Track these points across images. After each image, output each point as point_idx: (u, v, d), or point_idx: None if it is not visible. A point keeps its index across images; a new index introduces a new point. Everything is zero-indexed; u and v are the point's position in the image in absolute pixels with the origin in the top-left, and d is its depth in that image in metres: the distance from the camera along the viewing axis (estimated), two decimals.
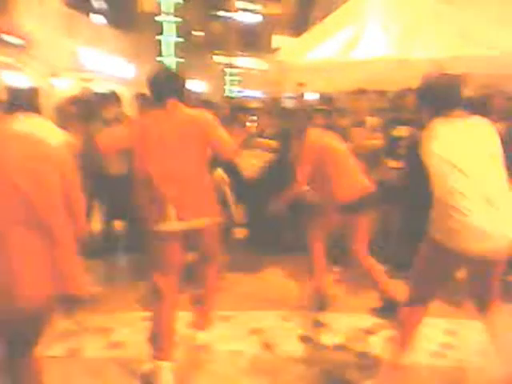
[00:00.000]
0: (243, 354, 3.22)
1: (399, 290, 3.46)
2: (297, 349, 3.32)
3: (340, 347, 3.34)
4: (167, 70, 3.06)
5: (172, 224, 2.79)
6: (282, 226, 5.41)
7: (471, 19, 6.84)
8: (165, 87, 2.85)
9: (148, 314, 3.41)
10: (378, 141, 4.85)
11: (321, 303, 3.79)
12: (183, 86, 2.95)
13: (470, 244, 2.35)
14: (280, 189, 3.92)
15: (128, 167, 4.01)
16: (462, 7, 7.56)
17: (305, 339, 3.45)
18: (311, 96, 6.88)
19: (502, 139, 2.51)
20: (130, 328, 3.54)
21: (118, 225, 5.24)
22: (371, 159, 4.88)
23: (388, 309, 3.59)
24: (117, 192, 4.50)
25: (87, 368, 3.00)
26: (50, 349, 3.03)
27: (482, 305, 2.62)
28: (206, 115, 2.95)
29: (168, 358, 2.82)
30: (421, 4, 6.62)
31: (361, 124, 4.90)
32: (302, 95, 6.56)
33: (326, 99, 5.85)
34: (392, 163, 4.97)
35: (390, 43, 6.20)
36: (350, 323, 3.66)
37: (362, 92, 5.15)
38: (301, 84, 6.36)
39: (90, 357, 3.17)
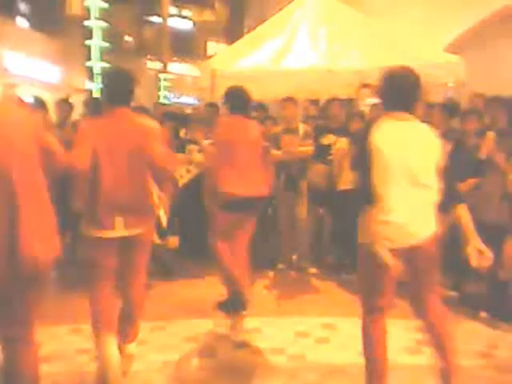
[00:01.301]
0: (177, 364, 3.21)
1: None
2: (232, 355, 3.36)
3: (274, 351, 3.40)
4: (122, 74, 2.98)
5: (113, 231, 2.78)
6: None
7: (395, 31, 7.22)
8: (119, 92, 2.88)
9: (77, 326, 3.37)
10: (309, 148, 5.01)
11: (238, 304, 3.69)
12: (132, 91, 2.94)
13: (393, 243, 2.42)
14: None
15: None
16: (388, 20, 7.97)
17: (239, 345, 3.49)
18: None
19: None
20: (58, 341, 3.45)
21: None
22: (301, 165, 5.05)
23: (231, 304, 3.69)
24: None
25: None
26: None
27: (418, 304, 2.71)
28: (152, 124, 2.95)
29: (109, 331, 2.79)
30: (347, 16, 6.90)
31: (293, 131, 5.03)
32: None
33: (258, 106, 5.95)
34: (321, 168, 5.16)
35: (318, 53, 6.41)
36: (287, 326, 3.73)
37: (291, 100, 5.29)
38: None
39: None
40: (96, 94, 14.39)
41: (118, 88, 2.89)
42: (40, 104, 5.01)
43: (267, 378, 3.09)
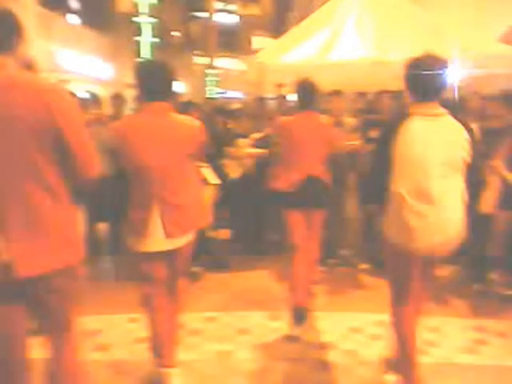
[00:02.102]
0: (231, 354, 3.28)
1: None
2: (285, 348, 3.39)
3: (327, 346, 3.42)
4: (160, 69, 2.79)
5: (156, 245, 2.71)
6: (265, 226, 5.52)
7: (445, 21, 7.03)
8: (156, 87, 2.72)
9: (135, 315, 3.47)
10: (355, 142, 4.96)
11: (300, 315, 3.67)
12: (171, 86, 2.80)
13: (418, 243, 2.47)
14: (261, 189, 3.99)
15: (114, 169, 4.04)
16: (437, 9, 7.77)
17: (292, 338, 3.52)
18: (291, 97, 6.97)
19: (474, 139, 2.59)
20: (116, 330, 3.59)
21: (102, 227, 5.27)
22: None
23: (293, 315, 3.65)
24: (101, 194, 4.53)
25: None
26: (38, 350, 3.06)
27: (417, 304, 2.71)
28: (195, 123, 2.85)
29: (171, 365, 2.81)
30: (395, 6, 6.77)
31: (339, 125, 5.01)
32: (282, 96, 6.65)
33: None
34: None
35: (366, 45, 6.32)
36: (337, 322, 3.74)
37: (338, 93, 5.25)
38: (280, 85, 6.45)
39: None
40: None
41: (154, 82, 2.71)
42: (94, 99, 5.18)
43: (320, 372, 3.11)
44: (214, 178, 3.91)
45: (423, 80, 2.54)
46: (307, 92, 3.79)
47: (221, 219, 4.99)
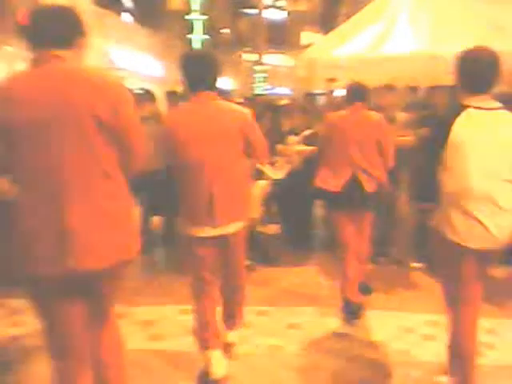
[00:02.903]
0: (282, 349, 3.29)
1: None
2: (335, 345, 3.38)
3: (378, 345, 3.38)
4: (204, 60, 2.82)
5: (209, 230, 2.77)
6: (313, 222, 5.51)
7: (502, 12, 6.75)
8: (202, 78, 2.75)
9: (186, 307, 3.54)
10: (408, 137, 4.86)
11: (352, 311, 3.69)
12: (215, 76, 2.80)
13: (474, 242, 2.40)
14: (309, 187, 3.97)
15: (165, 162, 4.12)
16: (498, 3, 7.46)
17: (343, 335, 3.50)
18: (341, 92, 6.91)
19: None
20: (168, 321, 3.67)
21: (156, 220, 5.39)
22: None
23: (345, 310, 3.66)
24: (154, 188, 4.63)
25: (130, 359, 3.09)
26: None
27: None
28: (244, 110, 2.89)
29: (214, 347, 2.87)
30: None
31: (391, 120, 4.91)
32: (332, 91, 6.60)
33: None
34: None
35: (420, 38, 6.17)
36: (389, 321, 3.70)
37: (390, 88, 5.15)
38: (331, 80, 6.39)
39: (132, 348, 3.28)
40: None
41: (199, 71, 2.74)
42: (149, 95, 5.30)
43: (370, 370, 3.08)
44: (274, 173, 3.93)
45: (474, 72, 2.47)
46: (357, 88, 3.76)
47: (270, 214, 5.01)
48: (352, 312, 3.65)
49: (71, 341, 2.02)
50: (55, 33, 1.89)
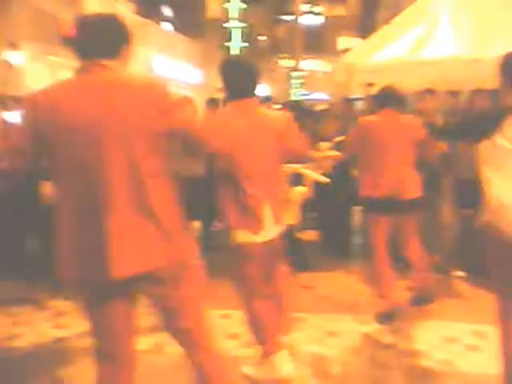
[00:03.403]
0: (321, 356, 3.26)
1: None
2: (375, 353, 3.33)
3: (420, 354, 3.31)
4: (245, 67, 2.85)
5: (258, 236, 2.77)
6: (353, 230, 5.45)
7: None
8: (243, 84, 2.78)
9: (227, 312, 3.55)
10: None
11: (390, 318, 3.66)
12: (256, 82, 2.83)
13: None
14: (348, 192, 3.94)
15: (206, 168, 4.17)
16: None
17: (383, 344, 3.44)
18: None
19: None
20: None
21: (196, 225, 5.45)
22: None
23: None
24: (194, 193, 4.68)
25: (171, 363, 3.08)
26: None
27: None
28: (283, 115, 2.92)
29: (279, 349, 2.87)
30: (494, 1, 6.41)
31: (432, 125, 4.81)
32: (371, 96, 6.54)
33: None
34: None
35: (461, 42, 6.05)
36: (431, 330, 3.63)
37: (430, 92, 5.06)
38: (370, 84, 6.34)
39: (173, 352, 3.31)
40: None
41: (239, 79, 2.77)
42: None
43: (412, 380, 3.02)
44: (319, 176, 3.91)
45: None
46: (389, 92, 3.72)
47: (308, 220, 5.00)
48: (390, 320, 3.59)
49: (115, 345, 2.03)
50: (100, 42, 1.92)
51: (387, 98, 3.72)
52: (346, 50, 12.37)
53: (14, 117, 5.00)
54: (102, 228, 1.84)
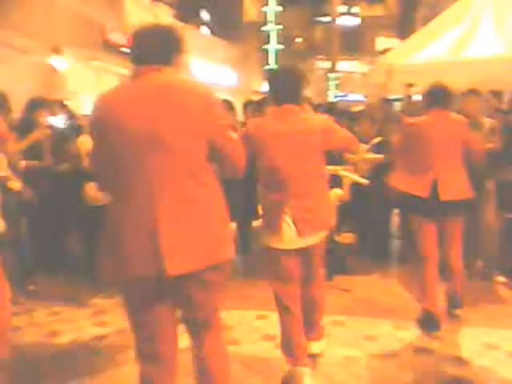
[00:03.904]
0: (357, 360, 3.23)
1: None
2: (412, 358, 3.27)
3: (460, 360, 3.23)
4: (286, 73, 2.92)
5: (289, 242, 2.76)
6: (391, 232, 5.37)
7: None
8: (283, 91, 2.83)
9: (263, 313, 3.55)
10: (494, 144, 4.62)
11: (432, 323, 3.57)
12: (300, 89, 2.88)
13: None
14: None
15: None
16: None
17: (421, 349, 3.38)
18: (418, 97, 6.73)
19: None
20: (245, 326, 3.70)
21: (232, 226, 5.48)
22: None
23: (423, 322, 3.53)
24: (231, 193, 4.71)
25: None
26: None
27: None
28: (324, 119, 2.92)
29: (304, 364, 2.83)
30: None
31: (477, 127, 4.68)
32: (410, 97, 6.43)
33: None
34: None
35: (504, 40, 5.88)
36: (472, 337, 3.54)
37: (474, 93, 4.93)
38: (410, 85, 6.24)
39: None
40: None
41: (285, 86, 2.82)
42: (228, 105, 5.42)
43: None
44: (358, 178, 3.87)
45: None
46: (438, 91, 3.61)
47: (345, 223, 4.94)
48: (431, 323, 3.52)
49: (157, 345, 2.04)
50: (155, 50, 1.99)
51: (437, 97, 3.58)
52: (384, 51, 12.20)
53: (59, 121, 5.16)
54: (150, 225, 1.87)
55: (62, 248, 5.10)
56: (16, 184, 4.19)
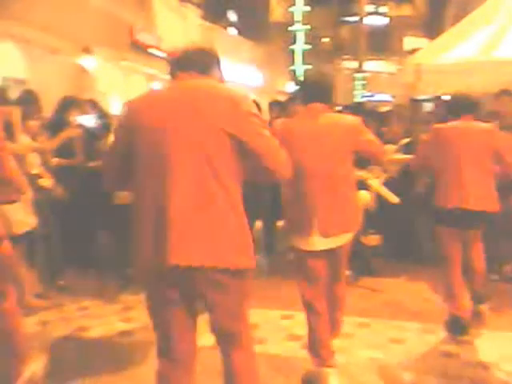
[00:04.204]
0: (382, 363, 3.20)
1: None
2: (438, 363, 3.23)
3: (487, 366, 3.17)
4: (315, 75, 3.03)
5: (315, 243, 2.76)
6: (421, 235, 5.30)
7: None
8: (312, 91, 2.87)
9: (288, 313, 3.55)
10: None
11: (460, 327, 3.52)
12: (329, 90, 2.93)
13: None
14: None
15: None
16: None
17: (447, 354, 3.33)
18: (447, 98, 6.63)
19: None
20: (271, 325, 3.71)
21: (258, 225, 5.50)
22: None
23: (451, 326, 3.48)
24: (257, 193, 4.72)
25: None
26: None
27: None
28: (353, 119, 2.91)
29: (330, 365, 2.82)
30: None
31: (509, 128, 4.58)
32: (439, 97, 6.34)
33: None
34: None
35: None
36: (499, 342, 3.47)
37: (507, 93, 4.83)
38: (439, 85, 6.16)
39: None
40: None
41: (317, 88, 2.87)
42: (257, 106, 5.43)
43: None
44: (388, 193, 3.83)
45: None
46: (463, 100, 3.56)
47: (371, 225, 4.90)
48: (458, 328, 3.47)
49: (174, 343, 2.05)
50: (196, 61, 2.07)
51: (461, 106, 3.54)
52: (412, 51, 12.06)
53: (90, 120, 5.24)
54: (164, 219, 1.89)
55: (92, 244, 5.19)
56: (47, 182, 4.28)
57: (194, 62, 2.06)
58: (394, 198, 4.55)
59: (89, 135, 4.93)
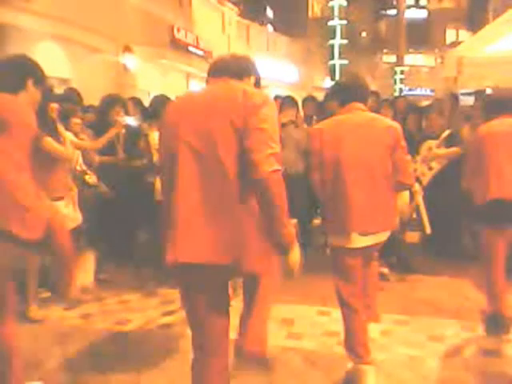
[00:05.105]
0: (421, 360, 3.16)
1: None
2: (478, 361, 3.17)
3: None
4: (352, 76, 3.08)
5: (354, 241, 2.75)
6: (463, 232, 5.19)
7: None
8: (350, 92, 2.90)
9: (324, 309, 3.55)
10: None
11: (501, 325, 3.41)
12: (366, 90, 2.98)
13: None
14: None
15: (305, 167, 4.19)
16: None
17: (488, 352, 3.27)
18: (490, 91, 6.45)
19: None
20: (307, 321, 3.72)
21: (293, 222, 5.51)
22: None
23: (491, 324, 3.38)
24: (293, 190, 4.73)
25: (270, 355, 3.03)
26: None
27: None
28: (396, 127, 2.87)
29: (367, 362, 2.81)
30: None
31: None
32: (483, 91, 6.18)
33: None
34: None
35: None
36: None
37: None
38: (480, 79, 6.00)
39: (272, 345, 3.36)
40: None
41: (354, 87, 2.90)
42: (291, 101, 5.43)
43: None
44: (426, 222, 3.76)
45: None
46: (506, 96, 3.46)
47: (411, 222, 4.83)
48: (499, 326, 3.38)
49: (203, 334, 2.08)
50: (228, 67, 2.14)
51: (503, 104, 3.43)
52: (452, 44, 11.77)
53: (133, 117, 5.35)
54: (178, 217, 1.93)
55: (133, 239, 5.30)
56: (93, 178, 4.40)
57: (226, 68, 2.12)
58: (428, 228, 4.52)
59: (131, 133, 5.02)
